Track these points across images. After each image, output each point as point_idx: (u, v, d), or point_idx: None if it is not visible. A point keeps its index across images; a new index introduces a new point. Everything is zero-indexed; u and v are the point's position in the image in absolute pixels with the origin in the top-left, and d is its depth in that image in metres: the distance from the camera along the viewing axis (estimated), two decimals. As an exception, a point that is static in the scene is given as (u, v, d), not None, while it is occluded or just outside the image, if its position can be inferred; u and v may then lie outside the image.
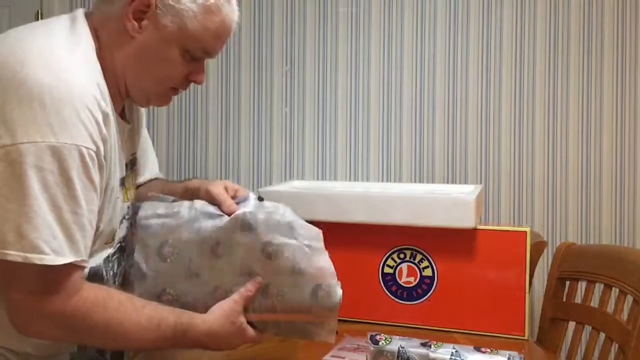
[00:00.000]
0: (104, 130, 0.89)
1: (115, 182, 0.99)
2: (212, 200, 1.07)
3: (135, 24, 0.94)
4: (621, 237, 2.09)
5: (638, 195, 2.09)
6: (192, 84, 1.05)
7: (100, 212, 0.94)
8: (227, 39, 1.03)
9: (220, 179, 2.19)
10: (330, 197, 1.48)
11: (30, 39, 0.90)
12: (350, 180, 2.16)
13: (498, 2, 2.12)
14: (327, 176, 2.18)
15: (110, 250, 1.04)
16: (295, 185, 1.86)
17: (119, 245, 1.07)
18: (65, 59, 0.88)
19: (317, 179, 2.17)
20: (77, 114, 0.84)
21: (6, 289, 0.87)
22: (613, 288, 1.33)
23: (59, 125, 0.82)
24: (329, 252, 1.11)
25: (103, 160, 0.90)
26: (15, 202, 0.80)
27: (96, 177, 0.88)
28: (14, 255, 0.80)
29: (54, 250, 0.82)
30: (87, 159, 0.85)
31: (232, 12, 1.00)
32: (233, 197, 1.09)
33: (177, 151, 2.20)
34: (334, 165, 2.18)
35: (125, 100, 1.04)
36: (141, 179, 1.20)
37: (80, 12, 0.97)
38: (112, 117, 0.94)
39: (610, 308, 1.33)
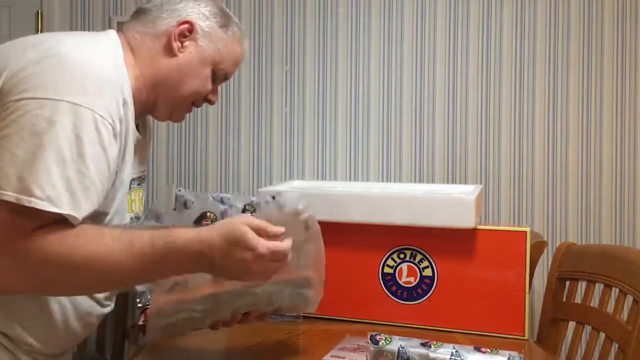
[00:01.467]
0: (122, 112, 0.95)
1: (126, 176, 1.03)
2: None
3: (179, 44, 1.08)
4: (621, 237, 2.09)
5: (638, 195, 2.09)
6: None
7: (111, 198, 0.97)
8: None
9: (220, 179, 2.20)
10: (330, 197, 1.48)
11: (64, 34, 1.01)
12: (350, 180, 2.16)
13: (498, 2, 2.12)
14: (327, 176, 2.18)
15: None
16: (295, 185, 1.86)
17: None
18: (96, 55, 0.96)
19: (317, 179, 2.17)
20: (100, 87, 0.90)
21: None
22: (613, 288, 1.33)
23: (80, 90, 0.88)
24: (329, 252, 1.13)
25: (118, 138, 0.94)
26: (22, 149, 0.84)
27: (110, 148, 0.91)
28: (9, 195, 0.82)
29: (48, 197, 0.83)
30: (101, 127, 0.89)
31: (247, 46, 1.20)
32: None
33: (177, 151, 2.20)
34: (334, 165, 2.18)
35: (139, 118, 1.10)
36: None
37: (111, 30, 1.08)
38: (131, 108, 0.99)
39: (610, 308, 1.33)
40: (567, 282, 1.47)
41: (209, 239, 0.87)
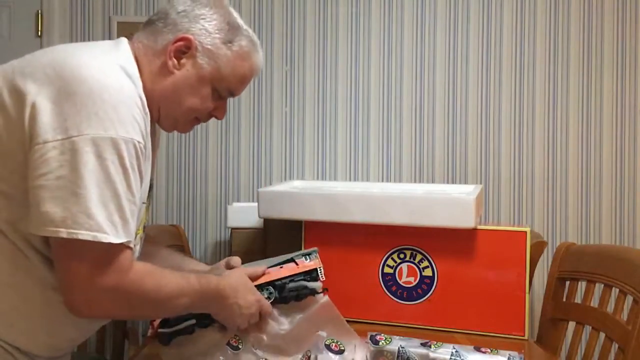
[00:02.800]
0: (148, 129, 0.99)
1: (146, 183, 1.05)
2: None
3: (175, 61, 1.05)
4: (621, 237, 2.09)
5: (638, 195, 2.09)
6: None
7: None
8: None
9: (220, 179, 2.20)
10: (330, 197, 1.48)
11: (80, 51, 1.01)
12: (350, 180, 2.16)
13: (498, 2, 2.12)
14: (327, 176, 2.18)
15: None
16: (295, 185, 1.86)
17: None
18: (115, 69, 0.98)
19: (317, 179, 2.17)
20: (130, 110, 0.94)
21: (69, 268, 0.93)
22: (613, 288, 1.33)
23: (118, 119, 0.91)
24: (329, 252, 1.13)
25: (147, 154, 1.00)
26: (83, 188, 0.89)
27: (143, 168, 0.97)
28: (85, 234, 0.88)
29: (114, 231, 0.91)
30: (139, 151, 0.94)
31: (259, 59, 1.13)
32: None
33: (177, 151, 2.20)
34: (334, 165, 2.18)
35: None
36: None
37: (124, 39, 1.07)
38: (149, 121, 1.01)
39: (610, 308, 1.33)
40: (567, 282, 1.47)
41: (230, 279, 1.13)
